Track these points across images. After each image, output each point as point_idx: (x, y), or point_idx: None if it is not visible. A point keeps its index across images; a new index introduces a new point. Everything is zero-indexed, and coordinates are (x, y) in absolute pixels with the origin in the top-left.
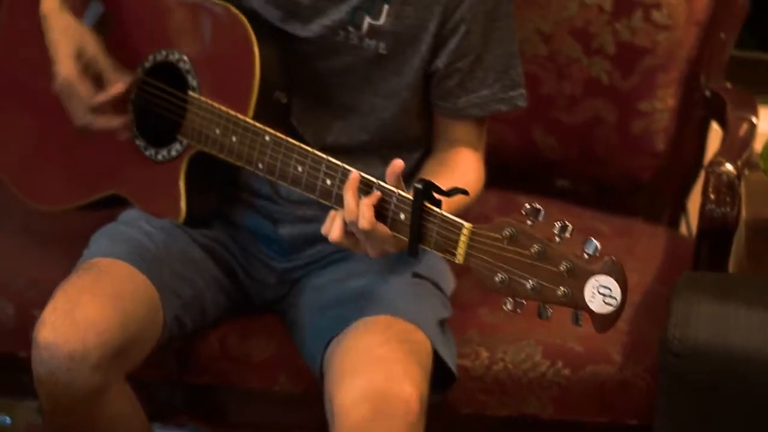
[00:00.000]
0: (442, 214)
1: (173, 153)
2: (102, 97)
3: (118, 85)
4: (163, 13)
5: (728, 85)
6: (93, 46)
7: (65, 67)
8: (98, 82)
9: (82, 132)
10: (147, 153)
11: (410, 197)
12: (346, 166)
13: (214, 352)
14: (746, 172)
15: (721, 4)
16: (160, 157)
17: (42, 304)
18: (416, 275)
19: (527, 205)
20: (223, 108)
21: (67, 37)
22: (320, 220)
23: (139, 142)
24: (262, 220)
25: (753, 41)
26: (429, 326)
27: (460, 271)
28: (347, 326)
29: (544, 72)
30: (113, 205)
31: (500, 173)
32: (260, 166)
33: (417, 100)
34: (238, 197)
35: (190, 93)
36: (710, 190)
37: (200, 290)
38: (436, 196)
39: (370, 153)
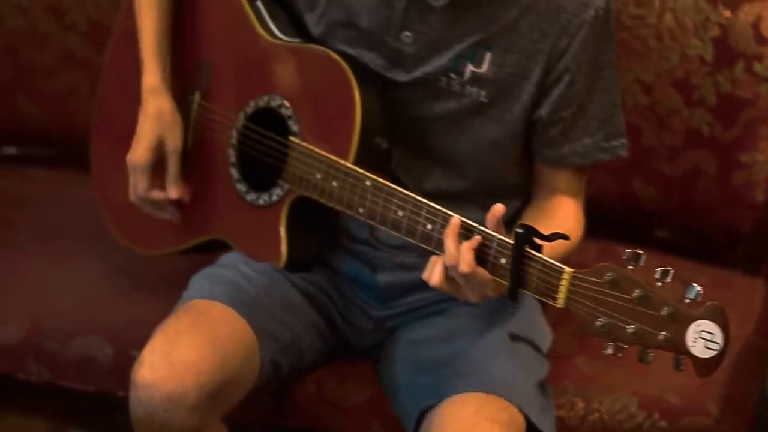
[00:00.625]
0: (543, 259)
1: (274, 198)
2: (153, 194)
3: (166, 192)
4: (264, 58)
5: None
6: (174, 142)
7: (139, 151)
8: (160, 173)
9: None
10: (248, 198)
11: (511, 242)
12: (447, 211)
13: (310, 395)
14: None
15: None
16: (261, 201)
17: (140, 344)
18: (513, 336)
19: (628, 250)
20: (324, 153)
21: (155, 122)
22: (419, 267)
23: (241, 187)
24: (360, 266)
25: None
26: (525, 398)
27: (556, 321)
28: (442, 400)
29: (644, 122)
30: (214, 249)
31: (599, 223)
32: (361, 210)
33: (517, 147)
34: (337, 243)
35: (292, 138)
36: None
37: (298, 334)
38: (537, 241)
39: (470, 200)
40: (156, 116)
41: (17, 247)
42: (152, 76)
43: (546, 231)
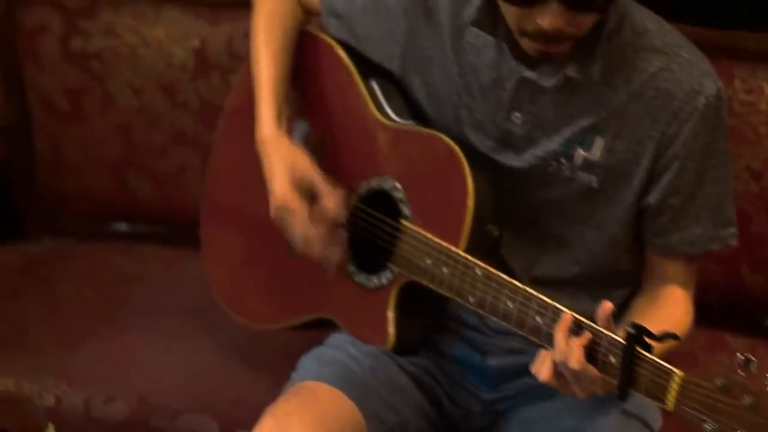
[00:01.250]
0: (654, 360)
1: (384, 281)
2: (318, 209)
3: (332, 197)
4: (377, 139)
5: None
6: (304, 163)
7: (279, 185)
8: (312, 199)
9: (298, 255)
10: (358, 279)
11: (621, 341)
12: (558, 305)
13: None
14: None
15: None
16: (370, 283)
17: (246, 423)
18: (626, 413)
19: (740, 356)
20: (435, 239)
21: (280, 158)
22: (528, 352)
23: (351, 268)
24: (469, 350)
25: None
26: None
27: None
28: None
29: (753, 209)
30: (322, 327)
31: (706, 311)
32: (470, 299)
33: (628, 234)
34: (445, 327)
35: (403, 222)
36: None
37: (405, 417)
38: (648, 340)
39: (579, 287)
40: (278, 152)
41: (126, 323)
42: (272, 122)
43: (657, 324)
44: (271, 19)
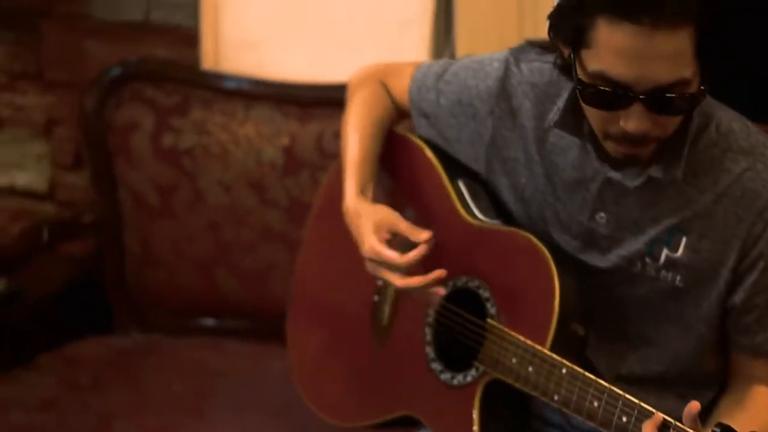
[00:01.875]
0: None
1: (468, 379)
2: (413, 253)
3: (424, 236)
4: (464, 239)
5: None
6: (390, 216)
7: (368, 238)
8: (403, 249)
9: (385, 338)
10: (443, 377)
11: None
12: (643, 404)
13: None
14: None
15: None
16: (455, 381)
17: None
18: None
19: None
20: (521, 338)
21: (365, 217)
22: None
23: (436, 366)
24: None
25: None
26: None
27: None
28: None
29: None
30: (406, 424)
31: None
32: (555, 398)
33: (713, 334)
34: (529, 425)
35: (489, 321)
36: None
37: None
38: None
39: (664, 386)
40: (363, 213)
41: (211, 418)
42: (355, 187)
43: (743, 424)
44: (363, 106)
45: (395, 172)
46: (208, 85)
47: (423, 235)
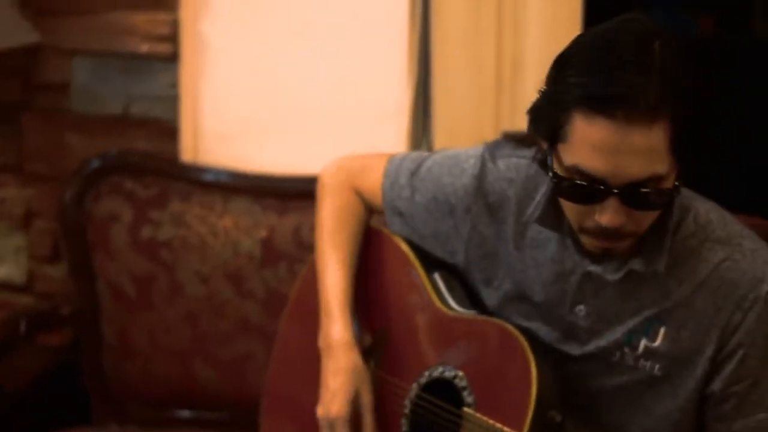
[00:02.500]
0: None
1: None
2: None
3: None
4: (440, 329)
5: None
6: (369, 398)
7: (337, 405)
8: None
9: None
10: None
11: None
12: None
13: None
14: None
15: None
16: None
17: None
18: None
19: None
20: (498, 425)
21: (350, 377)
22: None
23: None
24: None
25: None
26: None
27: None
28: None
29: None
30: None
31: None
32: None
33: (689, 421)
34: None
35: (465, 409)
36: None
37: None
38: None
39: None
40: (352, 370)
41: None
42: (343, 329)
43: None
44: (336, 219)
45: (369, 267)
46: (186, 177)
47: None
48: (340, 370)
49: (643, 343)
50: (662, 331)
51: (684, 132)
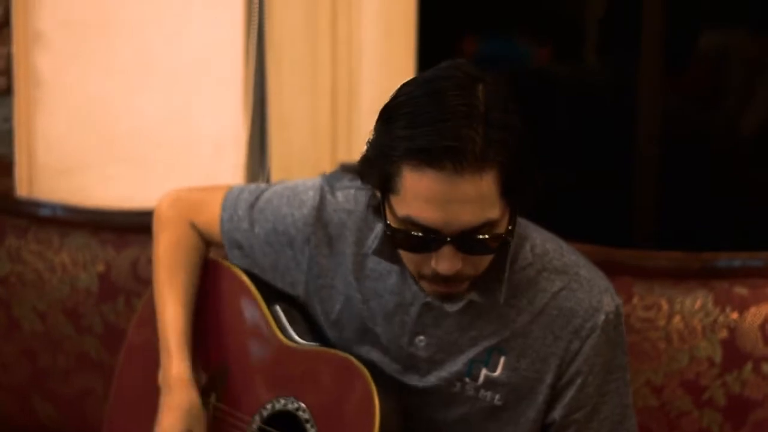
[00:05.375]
0: None
1: None
2: None
3: None
4: (282, 361)
5: None
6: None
7: None
8: None
9: None
10: None
11: None
12: None
13: None
14: None
15: None
16: None
17: None
18: None
19: None
20: None
21: (183, 413)
22: None
23: None
24: None
25: None
26: None
27: None
28: None
29: (654, 423)
30: None
31: None
32: None
33: None
34: None
35: None
36: None
37: None
38: None
39: None
40: (185, 409)
41: None
42: (181, 367)
43: None
44: (173, 254)
45: (209, 300)
46: (22, 212)
47: None
48: (174, 408)
49: (483, 373)
50: (502, 360)
51: (513, 174)
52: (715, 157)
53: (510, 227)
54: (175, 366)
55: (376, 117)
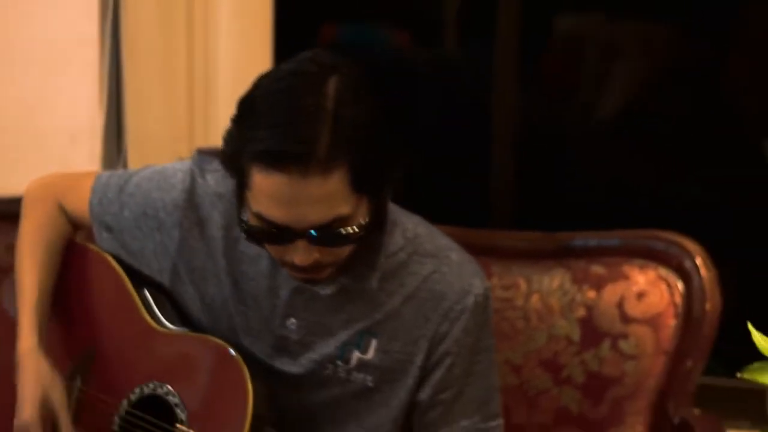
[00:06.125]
0: None
1: None
2: None
3: None
4: (151, 345)
5: (696, 411)
6: (59, 397)
7: (27, 411)
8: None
9: None
10: None
11: None
12: None
13: None
14: None
15: (688, 333)
16: None
17: None
18: None
19: None
20: None
21: (36, 382)
22: None
23: None
24: None
25: (720, 368)
26: None
27: None
28: None
29: (514, 402)
30: None
31: None
32: None
33: (399, 430)
34: None
35: (178, 426)
36: None
37: None
38: None
39: None
40: (37, 376)
41: None
42: (29, 340)
43: None
44: (36, 232)
45: (75, 285)
46: None
47: None
48: (28, 378)
49: (355, 355)
50: (374, 343)
51: (364, 169)
52: (571, 140)
53: (368, 218)
54: (24, 340)
55: (233, 104)
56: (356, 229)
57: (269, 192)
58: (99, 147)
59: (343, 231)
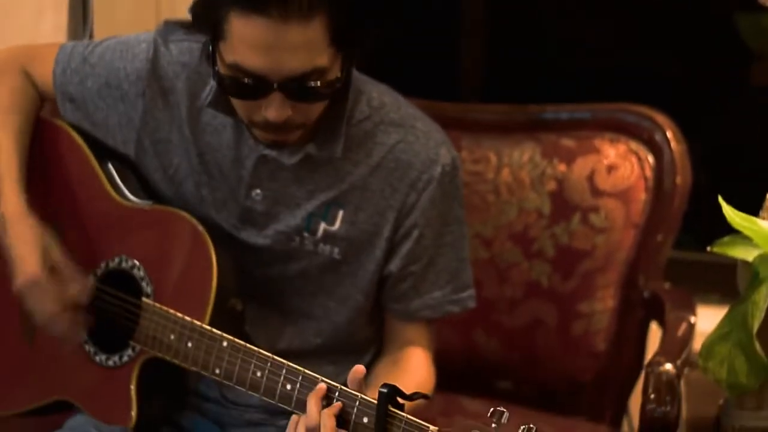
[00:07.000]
0: (407, 417)
1: (125, 359)
2: (74, 289)
3: (78, 283)
4: (116, 220)
5: (667, 285)
6: (56, 250)
7: (31, 266)
8: (59, 283)
9: (34, 333)
10: (97, 359)
11: (374, 401)
12: (307, 372)
13: None
14: (686, 371)
15: (658, 206)
16: (110, 363)
17: None
18: None
19: (492, 408)
20: (179, 314)
21: (32, 240)
22: (267, 423)
23: (89, 348)
24: (210, 424)
25: (690, 242)
26: None
27: None
28: None
29: (485, 275)
30: (62, 411)
31: (443, 375)
32: (217, 371)
33: (370, 303)
34: (186, 401)
35: (144, 299)
36: (650, 389)
37: None
38: (399, 400)
39: (322, 356)
40: (32, 235)
41: None
42: (17, 200)
43: (402, 385)
44: (8, 97)
45: (42, 158)
46: None
47: (78, 289)
48: (22, 238)
49: (322, 227)
50: (340, 214)
51: (342, 23)
52: (541, 14)
53: (341, 76)
54: (10, 203)
55: None
56: (330, 85)
57: (248, 38)
58: (64, 19)
59: (317, 84)
